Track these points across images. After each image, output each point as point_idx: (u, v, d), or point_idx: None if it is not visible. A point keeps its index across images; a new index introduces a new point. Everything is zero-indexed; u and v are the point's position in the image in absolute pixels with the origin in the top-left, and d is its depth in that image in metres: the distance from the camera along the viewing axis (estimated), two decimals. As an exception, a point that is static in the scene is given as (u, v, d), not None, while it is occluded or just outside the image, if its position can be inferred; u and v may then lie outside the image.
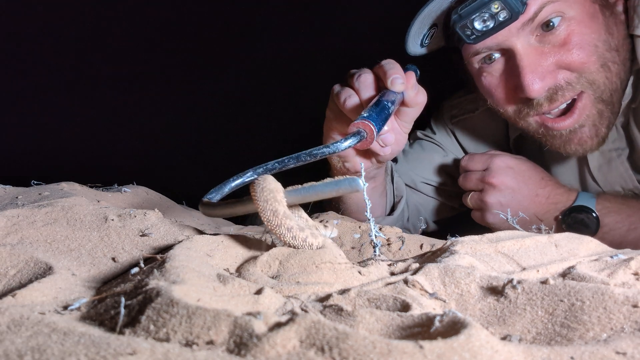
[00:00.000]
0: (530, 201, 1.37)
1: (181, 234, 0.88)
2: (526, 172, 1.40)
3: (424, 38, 1.37)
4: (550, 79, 1.27)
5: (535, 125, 1.37)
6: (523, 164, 1.42)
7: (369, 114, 1.06)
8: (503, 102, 1.37)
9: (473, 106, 1.67)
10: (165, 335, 0.50)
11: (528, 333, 0.60)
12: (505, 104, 1.37)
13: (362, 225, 1.11)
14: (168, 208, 1.42)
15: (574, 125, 1.32)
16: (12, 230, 0.85)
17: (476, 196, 1.44)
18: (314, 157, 0.96)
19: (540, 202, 1.38)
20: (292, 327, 0.47)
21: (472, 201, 1.45)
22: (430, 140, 1.72)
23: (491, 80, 1.35)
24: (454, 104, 1.71)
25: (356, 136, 1.02)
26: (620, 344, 0.52)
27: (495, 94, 1.36)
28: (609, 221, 1.32)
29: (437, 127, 1.73)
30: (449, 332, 0.48)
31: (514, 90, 1.32)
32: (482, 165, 1.44)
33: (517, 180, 1.39)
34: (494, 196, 1.39)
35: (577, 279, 0.69)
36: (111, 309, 0.57)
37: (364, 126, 1.03)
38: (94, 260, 0.78)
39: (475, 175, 1.44)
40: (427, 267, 0.72)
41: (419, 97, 1.20)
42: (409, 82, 1.17)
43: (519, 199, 1.37)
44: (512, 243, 0.84)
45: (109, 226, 0.87)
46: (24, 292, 0.62)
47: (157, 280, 0.61)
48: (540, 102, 1.30)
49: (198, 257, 0.73)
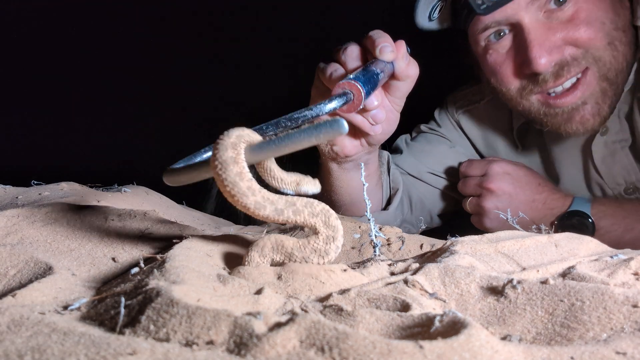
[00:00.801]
0: (527, 206, 1.39)
1: (181, 234, 0.88)
2: (523, 178, 1.42)
3: (432, 10, 1.37)
4: (557, 53, 1.27)
5: (537, 104, 1.37)
6: (520, 170, 1.43)
7: (356, 75, 0.97)
8: (507, 79, 1.36)
9: (478, 97, 1.66)
10: (165, 335, 0.50)
11: (528, 333, 0.60)
12: (509, 82, 1.37)
13: (362, 225, 1.11)
14: (168, 208, 1.42)
15: (577, 101, 1.32)
16: (12, 230, 0.85)
17: (474, 201, 1.45)
18: (295, 122, 0.85)
19: (537, 207, 1.39)
20: (292, 327, 0.47)
21: (471, 206, 1.47)
22: (435, 133, 1.71)
23: (497, 58, 1.36)
24: (458, 96, 1.71)
25: (342, 97, 0.92)
26: (620, 344, 0.52)
27: (500, 71, 1.36)
28: (604, 224, 1.33)
29: (442, 119, 1.72)
30: (449, 332, 0.48)
31: (520, 66, 1.32)
32: (480, 171, 1.45)
33: (514, 186, 1.40)
34: (492, 201, 1.41)
35: (577, 279, 0.69)
36: (111, 309, 0.57)
37: (350, 87, 0.94)
38: (94, 260, 0.78)
39: (473, 181, 1.46)
40: (427, 267, 0.72)
41: (410, 69, 1.13)
42: (399, 52, 1.11)
43: (515, 204, 1.39)
44: (512, 243, 0.84)
45: (109, 226, 0.87)
46: (24, 292, 0.62)
47: (157, 280, 0.61)
48: (546, 78, 1.30)
49: (198, 257, 0.73)
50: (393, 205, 1.54)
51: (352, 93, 0.94)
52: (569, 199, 1.38)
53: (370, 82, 0.99)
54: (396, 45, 1.10)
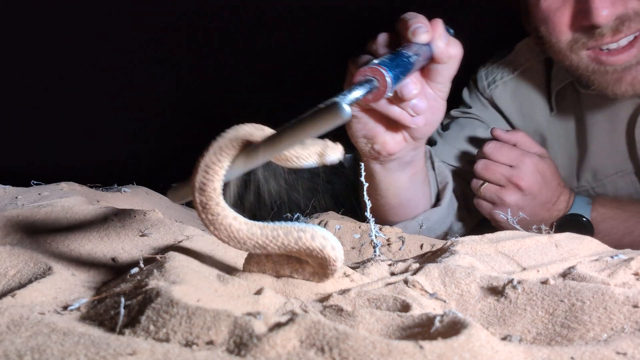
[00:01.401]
0: (541, 208, 1.34)
1: (181, 234, 0.88)
2: (548, 179, 1.35)
3: None
4: (620, 6, 1.17)
5: (586, 59, 1.26)
6: (548, 169, 1.35)
7: (381, 60, 0.87)
8: (560, 29, 1.25)
9: (511, 67, 1.55)
10: (165, 335, 0.50)
11: (528, 333, 0.59)
12: (561, 32, 1.25)
13: (362, 225, 1.11)
14: (168, 208, 1.42)
15: (630, 60, 1.22)
16: (11, 230, 0.85)
17: (494, 190, 1.34)
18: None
19: (549, 208, 1.36)
20: (292, 327, 0.47)
21: (487, 193, 1.36)
22: (468, 116, 1.59)
23: (552, 3, 1.24)
24: (487, 71, 1.59)
25: (363, 85, 0.79)
26: (621, 344, 0.52)
27: (553, 18, 1.24)
28: (603, 228, 1.31)
29: (472, 100, 1.61)
30: (449, 333, 0.48)
31: (577, 15, 1.21)
32: (510, 161, 1.33)
33: (539, 187, 1.33)
34: (515, 197, 1.33)
35: (577, 279, 0.69)
36: (111, 309, 0.57)
37: (373, 72, 0.83)
38: (94, 260, 0.78)
39: (500, 169, 1.33)
40: (427, 267, 0.71)
41: (451, 49, 1.03)
42: (436, 31, 1.01)
43: (534, 204, 1.33)
44: (512, 243, 0.84)
45: (109, 226, 0.87)
46: (23, 292, 0.62)
47: (156, 281, 0.61)
48: (603, 32, 1.20)
49: (198, 257, 0.73)
50: (445, 199, 1.44)
51: (377, 79, 0.83)
52: (571, 200, 1.36)
53: (400, 66, 0.89)
54: (432, 25, 1.01)
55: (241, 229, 0.61)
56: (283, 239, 0.61)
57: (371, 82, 0.82)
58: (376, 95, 0.85)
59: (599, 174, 1.48)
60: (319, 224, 1.12)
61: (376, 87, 0.84)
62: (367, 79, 0.83)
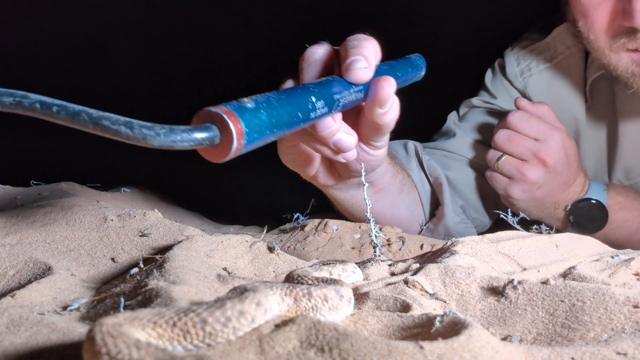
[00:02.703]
0: (559, 188, 1.27)
1: (181, 234, 0.88)
2: (571, 158, 1.27)
3: None
4: None
5: (627, 61, 1.18)
6: (572, 148, 1.28)
7: (253, 101, 0.59)
8: (600, 26, 1.16)
9: (548, 54, 1.42)
10: (165, 335, 0.50)
11: (529, 333, 0.59)
12: (601, 30, 1.17)
13: (362, 225, 1.11)
14: (168, 208, 1.42)
15: None
16: (11, 230, 0.85)
17: (515, 164, 1.25)
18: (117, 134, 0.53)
19: (565, 189, 1.28)
20: (292, 327, 0.47)
21: (506, 166, 1.25)
22: (491, 107, 1.45)
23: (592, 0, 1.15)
24: (519, 56, 1.44)
25: (199, 131, 0.54)
26: (621, 345, 0.52)
27: (593, 14, 1.16)
28: (618, 217, 1.26)
29: (497, 88, 1.46)
30: (450, 333, 0.48)
31: (619, 15, 1.13)
32: (538, 134, 1.24)
33: (563, 166, 1.25)
34: (539, 174, 1.24)
35: (577, 279, 0.68)
36: (111, 309, 0.57)
37: (218, 118, 0.55)
38: (94, 261, 0.78)
39: (525, 142, 1.24)
40: (428, 267, 0.71)
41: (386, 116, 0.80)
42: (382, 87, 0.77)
43: (555, 184, 1.26)
44: (512, 243, 0.84)
45: (109, 226, 0.87)
46: (23, 293, 0.61)
47: (156, 281, 0.61)
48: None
49: (198, 258, 0.73)
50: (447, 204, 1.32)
51: (220, 127, 0.55)
52: (586, 184, 1.29)
53: (286, 105, 0.63)
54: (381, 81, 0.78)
55: None
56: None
57: (209, 130, 0.55)
58: (210, 151, 0.57)
59: (632, 173, 1.41)
60: (319, 224, 1.12)
61: (216, 139, 0.55)
62: (205, 125, 0.56)
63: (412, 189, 1.33)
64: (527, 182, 1.24)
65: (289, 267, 0.79)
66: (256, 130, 0.57)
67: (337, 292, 0.54)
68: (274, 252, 0.81)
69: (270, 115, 0.60)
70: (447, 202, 1.33)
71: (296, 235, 1.13)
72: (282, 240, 1.12)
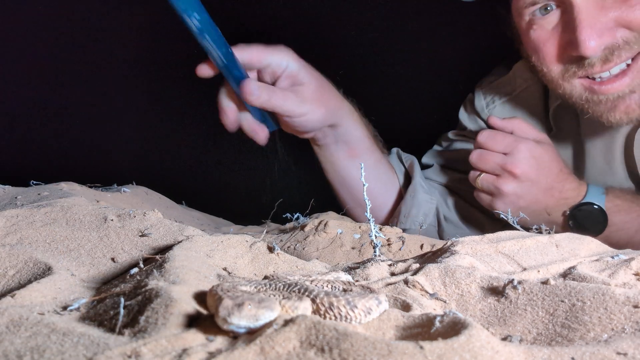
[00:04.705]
0: (544, 194, 1.30)
1: (181, 234, 0.88)
2: (547, 164, 1.31)
3: None
4: (608, 36, 1.17)
5: (579, 88, 1.26)
6: (546, 154, 1.32)
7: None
8: (550, 59, 1.26)
9: (509, 88, 1.54)
10: (165, 335, 0.50)
11: (529, 333, 0.59)
12: (552, 62, 1.26)
13: (362, 225, 1.11)
14: (168, 208, 1.42)
15: (624, 89, 1.21)
16: (11, 230, 0.85)
17: (490, 180, 1.32)
18: None
19: (553, 195, 1.31)
20: (292, 327, 0.47)
21: (484, 184, 1.34)
22: (466, 138, 1.61)
23: (541, 34, 1.25)
24: (486, 90, 1.58)
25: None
26: (621, 345, 0.51)
27: (543, 49, 1.26)
28: (617, 220, 1.27)
29: (469, 120, 1.62)
30: (450, 333, 0.48)
31: (566, 46, 1.22)
32: (504, 148, 1.31)
33: (537, 173, 1.29)
34: (512, 186, 1.30)
35: (577, 279, 0.68)
36: (110, 309, 0.57)
37: None
38: (94, 261, 0.78)
39: (494, 158, 1.31)
40: (428, 267, 0.71)
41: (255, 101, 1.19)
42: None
43: (534, 191, 1.30)
44: (512, 243, 0.84)
45: (109, 226, 0.87)
46: (23, 293, 0.61)
47: (156, 281, 0.61)
48: (593, 62, 1.20)
49: (198, 258, 0.73)
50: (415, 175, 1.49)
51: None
52: (583, 189, 1.31)
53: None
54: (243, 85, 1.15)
55: None
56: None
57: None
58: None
59: None
60: (319, 224, 1.12)
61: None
62: None
63: (390, 170, 1.53)
64: (504, 195, 1.31)
65: (289, 267, 0.79)
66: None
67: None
68: (274, 252, 0.81)
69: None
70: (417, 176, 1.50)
71: (296, 235, 1.13)
72: (282, 240, 1.12)
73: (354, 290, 0.60)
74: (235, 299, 0.50)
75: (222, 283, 0.58)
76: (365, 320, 0.54)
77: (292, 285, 0.58)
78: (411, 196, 1.48)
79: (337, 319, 0.53)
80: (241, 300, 0.50)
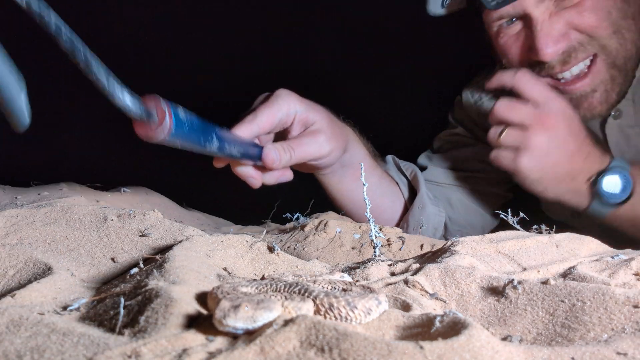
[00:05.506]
0: (570, 157, 1.25)
1: (181, 234, 0.88)
2: (577, 126, 1.26)
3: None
4: (563, 41, 1.26)
5: None
6: (576, 117, 1.27)
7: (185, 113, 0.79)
8: (517, 62, 1.36)
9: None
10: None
11: (529, 333, 0.59)
12: (518, 64, 1.36)
13: (362, 225, 1.11)
14: (168, 208, 1.42)
15: (585, 89, 1.31)
16: (11, 230, 0.85)
17: (516, 133, 1.24)
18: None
19: (577, 160, 1.26)
20: (292, 327, 0.47)
21: (509, 138, 1.25)
22: (457, 137, 1.66)
23: (507, 41, 1.36)
24: (474, 88, 1.64)
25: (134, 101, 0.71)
26: (621, 345, 0.51)
27: (509, 53, 1.36)
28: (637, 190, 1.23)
29: (460, 120, 1.67)
30: (450, 333, 0.48)
31: (528, 51, 1.32)
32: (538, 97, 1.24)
33: (568, 131, 1.24)
34: (542, 138, 1.22)
35: (577, 279, 0.68)
36: (110, 309, 0.57)
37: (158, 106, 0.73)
38: (94, 261, 0.78)
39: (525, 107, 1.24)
40: (428, 267, 0.71)
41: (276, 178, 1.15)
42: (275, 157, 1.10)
43: (562, 151, 1.24)
44: (512, 243, 0.84)
45: (109, 226, 0.87)
46: (23, 293, 0.61)
47: (156, 281, 0.61)
48: (553, 65, 1.30)
49: (198, 258, 0.73)
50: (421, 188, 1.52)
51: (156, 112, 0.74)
52: (607, 157, 1.28)
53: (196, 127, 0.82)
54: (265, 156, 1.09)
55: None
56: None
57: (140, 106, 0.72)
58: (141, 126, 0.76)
59: None
60: (319, 224, 1.12)
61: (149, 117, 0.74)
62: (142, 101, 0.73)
63: (392, 183, 1.56)
64: (532, 149, 1.23)
65: (288, 267, 0.79)
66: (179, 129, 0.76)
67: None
68: (274, 252, 0.81)
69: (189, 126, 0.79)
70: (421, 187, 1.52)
71: (296, 235, 1.13)
72: (282, 240, 1.12)
73: (354, 290, 0.60)
74: (233, 301, 0.50)
75: (222, 285, 0.58)
76: (365, 321, 0.54)
77: (292, 285, 0.58)
78: (419, 208, 1.51)
79: (337, 319, 0.53)
80: (239, 302, 0.50)
